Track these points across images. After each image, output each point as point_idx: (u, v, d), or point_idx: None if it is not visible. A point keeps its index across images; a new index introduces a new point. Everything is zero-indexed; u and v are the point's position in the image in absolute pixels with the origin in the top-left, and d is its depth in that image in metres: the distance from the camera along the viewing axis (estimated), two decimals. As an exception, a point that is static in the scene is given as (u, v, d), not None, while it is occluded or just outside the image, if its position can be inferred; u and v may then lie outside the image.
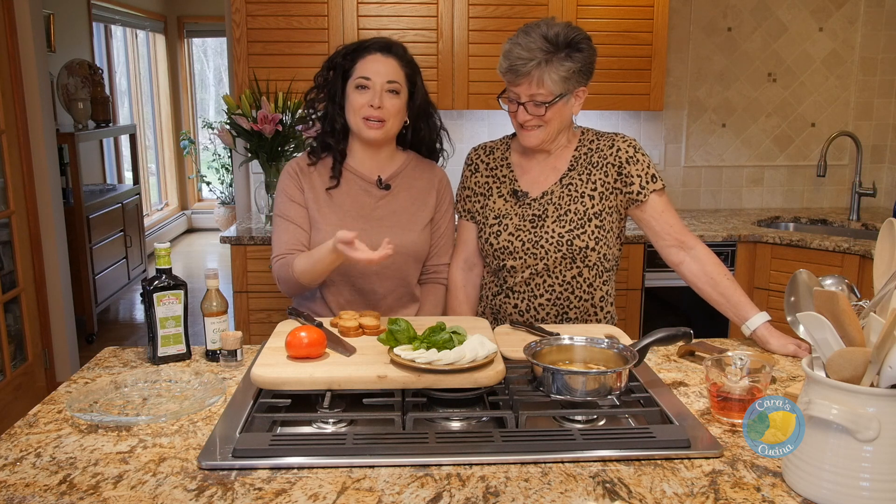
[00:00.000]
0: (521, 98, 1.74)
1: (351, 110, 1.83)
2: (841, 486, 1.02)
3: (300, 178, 1.90)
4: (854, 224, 3.43)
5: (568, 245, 1.80)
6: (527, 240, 1.83)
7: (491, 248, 1.87)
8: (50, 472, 1.15)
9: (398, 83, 1.82)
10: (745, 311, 1.72)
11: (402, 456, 1.17)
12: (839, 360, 1.04)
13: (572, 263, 1.82)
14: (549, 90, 1.71)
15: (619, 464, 1.17)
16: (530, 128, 1.78)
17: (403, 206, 1.91)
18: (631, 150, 1.82)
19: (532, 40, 1.69)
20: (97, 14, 6.14)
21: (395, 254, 1.85)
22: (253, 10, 3.10)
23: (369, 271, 1.87)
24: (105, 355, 1.71)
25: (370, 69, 1.80)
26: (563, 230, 1.80)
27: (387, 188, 1.90)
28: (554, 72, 1.69)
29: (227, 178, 7.90)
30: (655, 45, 3.21)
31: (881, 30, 3.67)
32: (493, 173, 1.92)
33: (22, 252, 3.47)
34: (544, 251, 1.81)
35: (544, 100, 1.72)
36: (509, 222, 1.85)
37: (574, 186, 1.83)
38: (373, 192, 1.90)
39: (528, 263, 1.84)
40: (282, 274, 1.84)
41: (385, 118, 1.81)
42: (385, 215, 1.89)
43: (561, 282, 1.84)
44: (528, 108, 1.74)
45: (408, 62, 1.86)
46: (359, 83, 1.81)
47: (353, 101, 1.82)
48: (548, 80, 1.70)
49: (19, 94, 3.45)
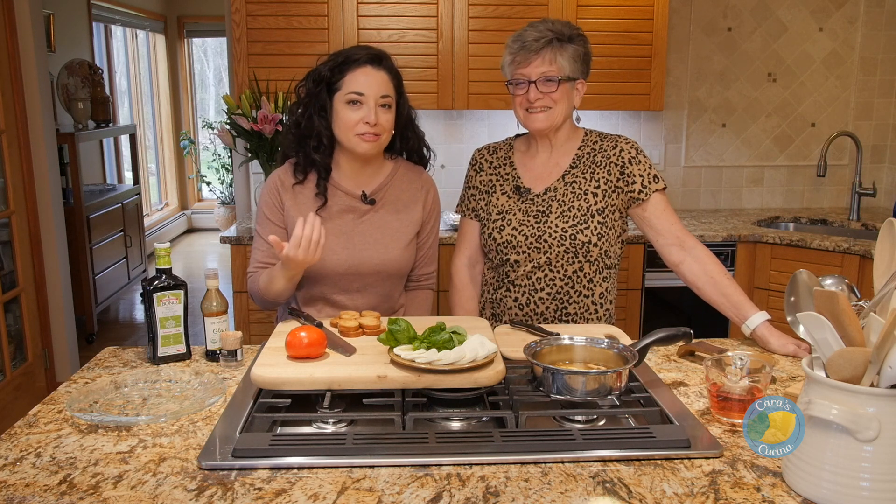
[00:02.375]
0: (532, 76, 1.78)
1: (342, 126, 1.75)
2: (841, 486, 1.02)
3: (281, 195, 1.84)
4: (854, 224, 3.43)
5: (571, 239, 1.82)
6: (530, 234, 1.85)
7: (494, 242, 1.89)
8: (50, 472, 1.15)
9: (390, 97, 1.76)
10: (744, 311, 1.73)
11: (402, 456, 1.17)
12: (839, 360, 1.04)
13: (574, 258, 1.84)
14: (559, 67, 1.77)
15: (619, 464, 1.17)
16: (538, 109, 1.81)
17: (387, 222, 1.85)
18: (633, 152, 1.86)
19: (540, 27, 1.78)
20: (97, 14, 6.14)
21: (377, 272, 1.84)
22: (253, 10, 3.10)
23: (351, 287, 1.84)
24: (105, 355, 1.71)
25: (362, 84, 1.73)
26: (566, 225, 1.83)
27: (371, 203, 1.84)
28: (565, 51, 1.78)
29: (227, 178, 7.90)
30: (655, 45, 3.21)
31: (881, 30, 3.67)
32: (496, 171, 1.95)
33: (22, 252, 3.47)
34: (547, 245, 1.84)
35: (556, 75, 1.77)
36: (513, 217, 1.88)
37: (578, 184, 1.86)
38: (357, 207, 1.84)
39: (532, 257, 1.86)
40: (252, 289, 1.83)
41: (380, 133, 1.75)
42: (368, 231, 1.84)
43: (562, 276, 1.86)
44: (538, 85, 1.78)
45: (395, 73, 1.80)
46: (350, 98, 1.73)
47: (345, 117, 1.74)
48: (559, 58, 1.77)
49: (19, 94, 3.45)
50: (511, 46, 1.80)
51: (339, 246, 1.82)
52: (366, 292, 1.86)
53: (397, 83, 1.81)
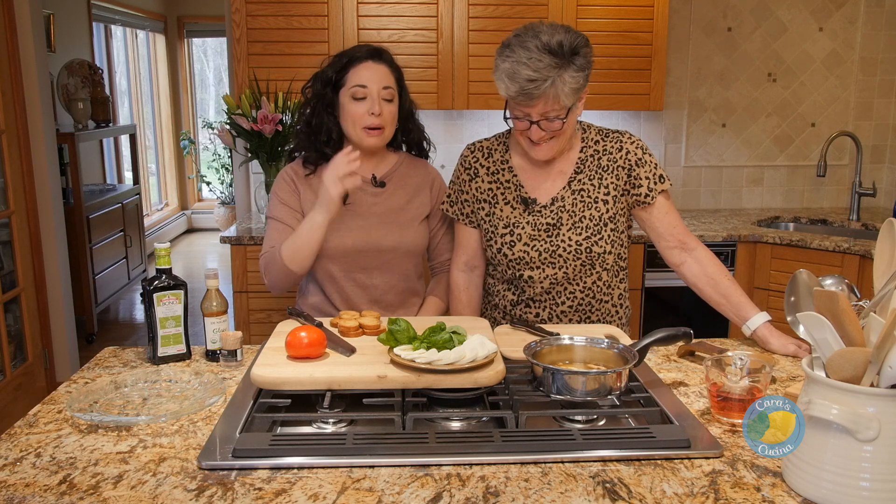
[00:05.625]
0: (533, 117, 1.67)
1: (349, 120, 1.86)
2: (841, 486, 1.02)
3: (296, 184, 1.93)
4: (854, 224, 3.43)
5: (587, 252, 1.79)
6: (543, 249, 1.80)
7: (505, 258, 1.84)
8: (50, 472, 1.15)
9: (392, 88, 1.87)
10: (745, 312, 1.72)
11: (402, 456, 1.17)
12: (839, 360, 1.04)
13: (591, 269, 1.81)
14: (562, 105, 1.65)
15: (619, 464, 1.17)
16: (543, 142, 1.72)
17: (399, 203, 1.95)
18: (639, 152, 1.80)
19: (535, 56, 1.59)
20: (97, 14, 6.14)
21: (394, 249, 1.91)
22: (253, 10, 3.10)
23: (370, 265, 1.91)
24: (105, 355, 1.71)
25: (364, 76, 1.84)
26: (580, 237, 1.79)
27: (382, 185, 1.94)
28: (566, 86, 1.62)
29: (227, 178, 7.90)
30: (655, 45, 3.20)
31: (881, 30, 3.67)
32: (494, 178, 1.86)
33: (22, 252, 3.47)
34: (563, 260, 1.80)
35: (559, 114, 1.67)
36: (521, 232, 1.82)
37: (586, 192, 1.80)
38: (368, 190, 1.93)
39: (547, 273, 1.82)
40: (269, 263, 1.85)
41: (384, 125, 1.85)
42: (382, 212, 1.93)
43: (582, 288, 1.83)
44: (541, 125, 1.68)
45: (395, 67, 1.91)
46: (354, 92, 1.83)
47: (352, 111, 1.84)
48: (562, 96, 1.63)
49: (19, 94, 3.45)
50: (507, 86, 1.63)
51: (356, 225, 1.90)
52: (384, 270, 1.92)
53: (398, 76, 1.91)
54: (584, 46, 1.65)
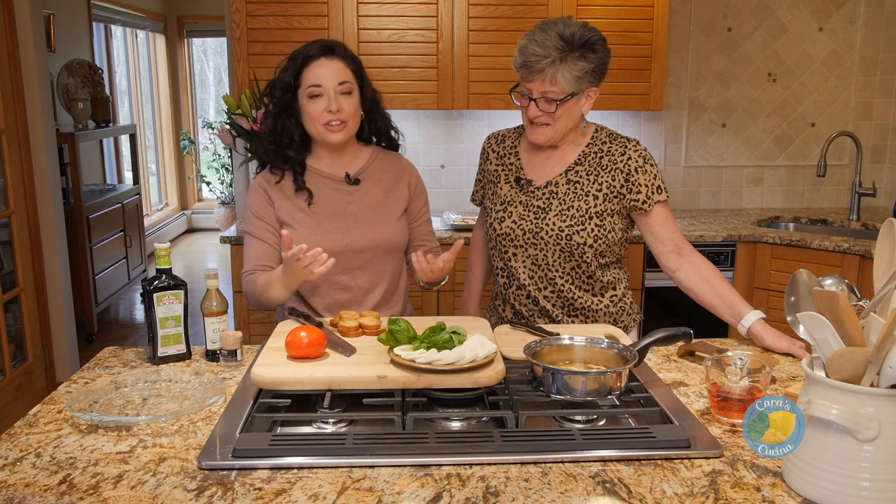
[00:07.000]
0: (534, 94, 1.77)
1: (309, 120, 1.83)
2: (841, 486, 1.02)
3: (268, 193, 1.89)
4: (854, 224, 3.43)
5: (567, 240, 1.82)
6: (528, 229, 1.86)
7: (494, 232, 1.92)
8: (50, 472, 1.15)
9: (349, 82, 1.82)
10: (740, 310, 1.74)
11: (402, 456, 1.17)
12: (839, 360, 1.04)
13: (570, 257, 1.85)
14: (561, 88, 1.74)
15: (619, 464, 1.17)
16: (539, 124, 1.81)
17: (376, 200, 1.93)
18: (641, 160, 1.84)
19: (548, 38, 1.72)
20: (97, 14, 6.14)
21: (374, 247, 1.90)
22: (253, 10, 3.10)
23: (351, 266, 1.88)
24: (105, 355, 1.71)
25: (318, 75, 1.80)
26: (563, 224, 1.83)
27: (356, 183, 1.91)
28: (567, 70, 1.73)
29: (227, 178, 7.90)
30: (655, 45, 3.21)
31: (881, 30, 3.67)
32: (501, 161, 1.96)
33: (22, 252, 3.47)
34: (544, 243, 1.85)
35: (556, 97, 1.75)
36: (513, 210, 1.89)
37: (581, 184, 1.85)
38: (343, 188, 1.91)
39: (529, 254, 1.87)
40: (248, 290, 1.84)
41: (345, 119, 1.82)
42: (359, 210, 1.90)
43: (562, 274, 1.87)
44: (539, 104, 1.77)
45: (351, 59, 1.87)
46: (311, 92, 1.80)
47: (310, 110, 1.81)
48: (560, 78, 1.73)
49: (19, 94, 3.45)
50: (516, 58, 1.76)
51: (334, 227, 1.87)
52: (367, 269, 1.90)
53: (355, 68, 1.87)
54: (596, 42, 1.76)
